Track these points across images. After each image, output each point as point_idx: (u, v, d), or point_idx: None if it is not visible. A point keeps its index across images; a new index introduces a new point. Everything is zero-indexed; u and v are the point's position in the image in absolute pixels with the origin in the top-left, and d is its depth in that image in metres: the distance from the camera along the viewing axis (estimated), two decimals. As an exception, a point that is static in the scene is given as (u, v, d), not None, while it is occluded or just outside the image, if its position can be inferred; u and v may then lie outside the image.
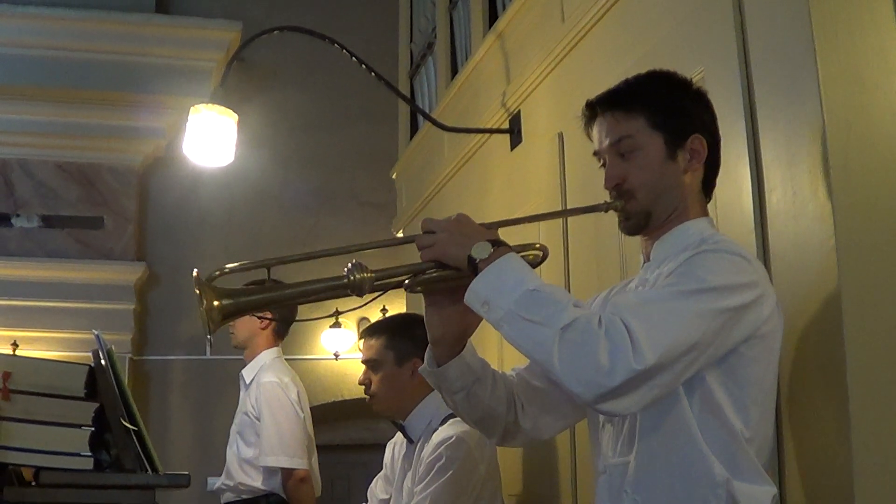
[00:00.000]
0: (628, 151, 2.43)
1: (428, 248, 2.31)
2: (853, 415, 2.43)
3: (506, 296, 2.14)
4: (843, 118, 2.61)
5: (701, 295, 2.12)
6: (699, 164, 2.45)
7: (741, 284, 2.18)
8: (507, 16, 4.97)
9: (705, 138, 2.45)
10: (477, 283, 2.19)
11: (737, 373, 2.21)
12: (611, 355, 2.00)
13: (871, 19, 2.71)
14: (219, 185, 9.17)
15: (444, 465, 3.73)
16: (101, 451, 2.99)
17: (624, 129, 2.43)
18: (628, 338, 2.00)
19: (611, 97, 2.50)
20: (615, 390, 2.01)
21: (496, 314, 2.15)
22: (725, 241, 2.38)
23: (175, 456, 8.54)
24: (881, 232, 2.57)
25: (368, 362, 4.10)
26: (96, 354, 3.10)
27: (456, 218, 2.34)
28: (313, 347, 9.35)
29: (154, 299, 9.23)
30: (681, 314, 2.09)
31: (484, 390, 2.51)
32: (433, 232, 2.32)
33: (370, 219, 9.52)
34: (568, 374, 2.03)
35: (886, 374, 2.48)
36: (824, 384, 2.54)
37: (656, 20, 3.57)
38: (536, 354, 2.10)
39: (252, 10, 9.47)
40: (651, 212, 2.42)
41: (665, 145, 2.42)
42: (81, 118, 8.89)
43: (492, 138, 5.24)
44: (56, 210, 8.97)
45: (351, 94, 9.55)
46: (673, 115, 2.44)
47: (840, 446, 2.46)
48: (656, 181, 2.41)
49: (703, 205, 2.49)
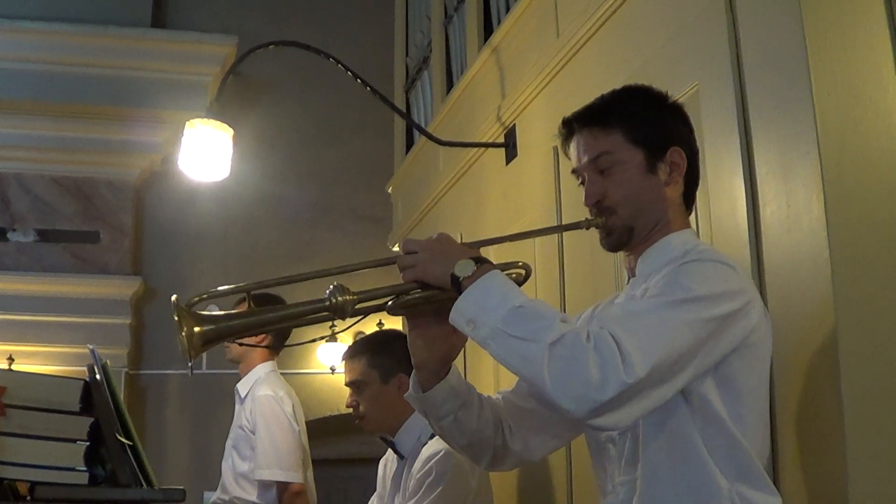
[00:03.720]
0: (607, 167, 2.42)
1: (410, 269, 2.28)
2: (848, 427, 2.44)
3: (491, 313, 2.11)
4: (837, 132, 2.62)
5: (688, 304, 2.11)
6: (680, 177, 2.44)
7: (728, 293, 2.17)
8: (501, 30, 4.98)
9: (684, 150, 2.44)
10: (462, 302, 2.17)
11: (731, 382, 2.20)
12: (601, 369, 1.97)
13: (864, 34, 2.72)
14: (215, 200, 9.18)
15: (434, 480, 3.72)
16: (97, 466, 2.98)
17: (602, 145, 2.43)
18: (618, 351, 1.98)
19: (587, 113, 2.49)
20: (607, 404, 1.98)
21: (482, 332, 2.12)
22: (709, 250, 2.38)
23: (171, 470, 8.54)
24: (875, 245, 2.57)
25: (353, 384, 4.09)
26: (91, 369, 3.09)
27: (437, 237, 2.32)
28: (309, 361, 9.35)
29: (150, 314, 9.24)
30: (669, 324, 2.07)
31: (471, 414, 2.48)
32: (414, 252, 2.29)
33: (367, 233, 9.53)
34: (558, 389, 2.00)
35: (881, 386, 2.48)
36: (819, 396, 2.54)
37: (650, 35, 3.58)
38: (525, 371, 2.06)
39: (248, 25, 9.49)
40: (633, 227, 2.41)
41: (645, 159, 2.41)
42: (78, 132, 8.92)
43: (487, 152, 5.25)
44: (52, 224, 8.99)
45: (347, 109, 9.57)
46: (651, 128, 2.43)
47: (835, 458, 2.46)
48: (637, 196, 2.40)
49: (684, 217, 2.48)
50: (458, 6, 6.00)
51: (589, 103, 2.52)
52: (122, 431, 2.99)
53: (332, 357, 9.19)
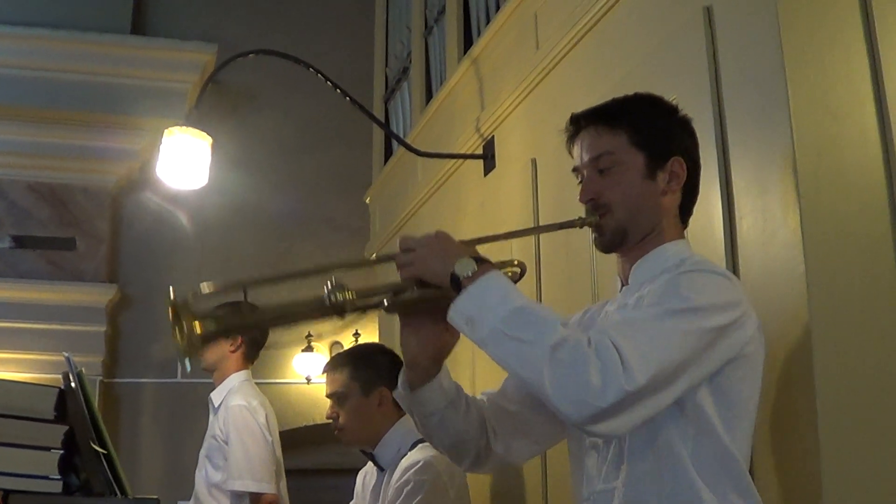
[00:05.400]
0: (607, 168, 2.42)
1: (408, 266, 2.28)
2: (822, 436, 2.45)
3: (491, 313, 2.10)
4: (814, 146, 2.63)
5: (687, 314, 2.11)
6: (678, 187, 2.44)
7: (725, 303, 2.17)
8: (481, 42, 4.99)
9: (686, 162, 2.44)
10: (461, 301, 2.16)
11: (726, 393, 2.20)
12: (602, 375, 1.97)
13: (842, 49, 2.74)
14: (192, 208, 9.17)
15: (412, 489, 3.72)
16: (71, 475, 2.96)
17: (605, 144, 2.43)
18: (619, 358, 1.98)
19: (596, 112, 2.49)
20: (606, 411, 1.98)
21: (481, 332, 2.11)
22: (706, 261, 2.38)
23: (145, 480, 8.49)
24: (851, 259, 2.59)
25: (334, 395, 4.09)
26: (66, 377, 3.08)
27: (435, 234, 2.31)
28: (285, 371, 9.34)
29: (125, 322, 9.20)
30: (668, 334, 2.07)
31: (457, 414, 2.47)
32: (412, 249, 2.29)
33: (344, 243, 9.51)
34: (558, 393, 1.99)
35: (855, 396, 2.50)
36: (794, 407, 2.55)
37: (629, 48, 3.59)
38: (525, 373, 2.05)
39: (228, 33, 9.47)
40: (626, 229, 2.41)
41: (645, 164, 2.41)
42: (54, 138, 8.87)
43: (465, 163, 5.26)
44: (28, 231, 8.93)
45: (326, 118, 9.56)
46: (656, 135, 2.44)
47: (810, 465, 2.48)
48: (632, 199, 2.40)
49: (679, 229, 2.48)
50: (439, 17, 6.01)
51: (600, 103, 2.52)
52: (97, 440, 2.97)
53: (308, 367, 9.18)
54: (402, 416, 4.02)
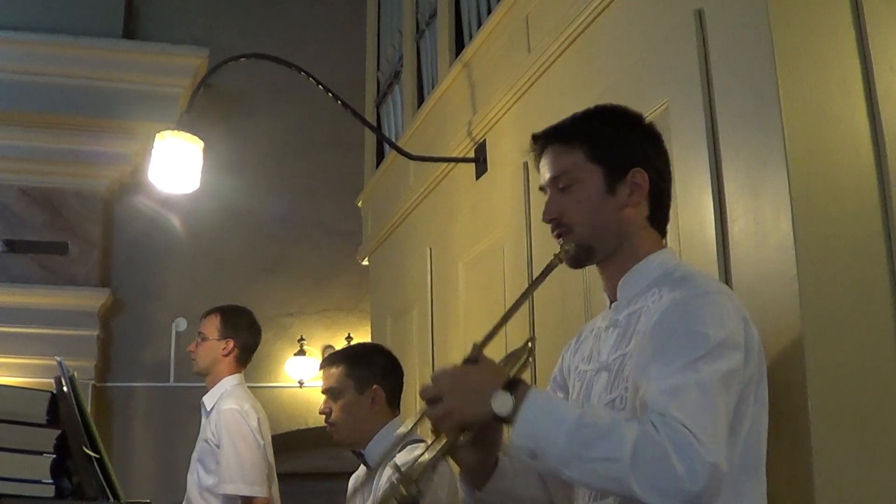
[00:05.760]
0: (567, 186, 2.42)
1: (445, 418, 2.20)
2: (815, 440, 2.45)
3: (553, 442, 2.04)
4: (806, 150, 2.64)
5: (712, 357, 2.09)
6: (641, 199, 2.43)
7: (735, 329, 2.17)
8: (473, 46, 4.99)
9: (648, 172, 2.43)
10: (518, 438, 2.09)
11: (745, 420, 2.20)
12: (684, 461, 1.94)
13: (833, 52, 2.74)
14: (184, 212, 9.17)
15: None
16: (63, 479, 2.96)
17: (563, 163, 2.44)
18: (692, 436, 1.95)
19: (553, 131, 2.50)
20: (703, 493, 1.95)
21: (549, 462, 2.06)
22: (695, 275, 2.36)
23: (137, 484, 8.49)
24: (842, 262, 2.59)
25: (329, 391, 4.10)
26: (59, 381, 3.08)
27: (451, 374, 2.24)
28: (278, 375, 9.34)
29: (118, 326, 9.20)
30: (709, 389, 2.05)
31: (522, 481, 2.47)
32: (440, 399, 2.20)
33: (336, 246, 9.53)
34: (651, 494, 1.95)
35: (848, 400, 2.50)
36: (786, 412, 2.55)
37: (622, 51, 3.59)
38: (612, 488, 2.03)
39: (220, 37, 9.49)
40: (591, 245, 2.41)
41: (604, 179, 2.41)
42: (47, 143, 8.88)
43: (457, 167, 5.26)
44: (20, 235, 8.94)
45: (318, 122, 9.57)
46: (613, 148, 2.43)
47: (802, 470, 2.48)
48: (593, 215, 2.40)
49: (655, 239, 2.47)
50: (430, 21, 6.01)
51: (559, 121, 2.52)
52: (89, 444, 2.97)
53: (301, 371, 9.18)
54: (394, 416, 4.04)
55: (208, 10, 10.06)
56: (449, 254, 5.32)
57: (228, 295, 7.35)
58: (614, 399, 2.31)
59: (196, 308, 6.08)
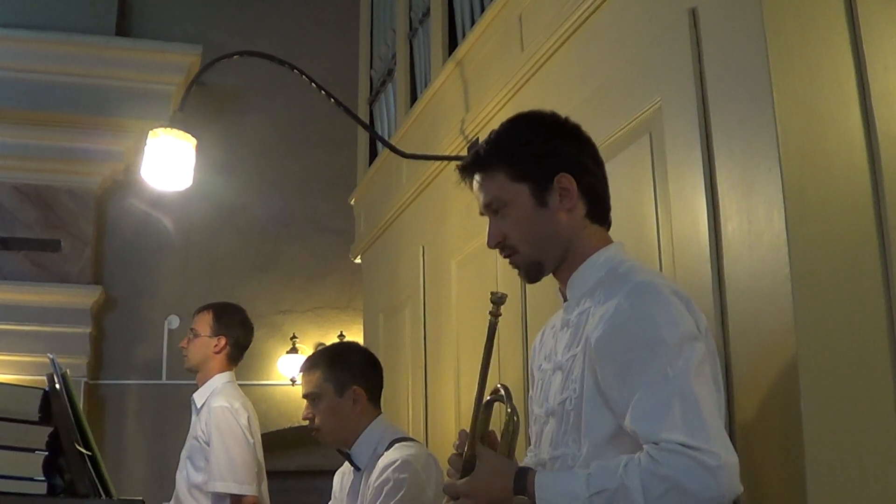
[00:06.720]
0: (500, 208, 2.49)
1: None
2: (807, 441, 2.45)
3: None
4: (799, 149, 2.64)
5: (676, 358, 2.15)
6: (573, 201, 2.47)
7: (685, 320, 2.23)
8: (466, 44, 4.99)
9: (573, 173, 2.46)
10: None
11: None
12: (694, 479, 2.01)
13: (827, 52, 2.74)
14: (177, 209, 9.17)
15: (392, 487, 3.73)
16: (55, 476, 2.96)
17: (490, 189, 2.50)
18: (691, 451, 2.03)
19: (472, 161, 2.55)
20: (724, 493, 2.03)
21: None
22: (636, 269, 2.42)
23: (129, 481, 8.50)
24: (836, 262, 2.59)
25: (309, 396, 4.10)
26: (51, 378, 3.07)
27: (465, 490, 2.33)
28: (270, 373, 9.34)
29: (110, 323, 9.20)
30: (686, 392, 2.11)
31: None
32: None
33: (329, 244, 9.53)
34: None
35: (841, 401, 2.50)
36: (779, 412, 2.55)
37: (615, 50, 3.59)
38: None
39: (212, 34, 9.48)
40: (539, 260, 2.48)
41: (532, 194, 2.46)
42: (39, 140, 8.87)
43: (450, 165, 5.25)
44: (13, 232, 8.93)
45: (311, 120, 9.57)
46: (531, 162, 2.47)
47: (795, 473, 2.48)
48: (532, 232, 2.46)
49: (600, 235, 2.53)
50: (423, 19, 6.01)
51: (478, 147, 2.57)
52: (82, 441, 2.96)
53: (292, 368, 9.18)
54: (377, 414, 4.05)
55: (201, 8, 10.06)
56: (442, 252, 5.32)
57: (221, 292, 7.35)
58: (565, 399, 2.37)
59: (189, 305, 6.09)
